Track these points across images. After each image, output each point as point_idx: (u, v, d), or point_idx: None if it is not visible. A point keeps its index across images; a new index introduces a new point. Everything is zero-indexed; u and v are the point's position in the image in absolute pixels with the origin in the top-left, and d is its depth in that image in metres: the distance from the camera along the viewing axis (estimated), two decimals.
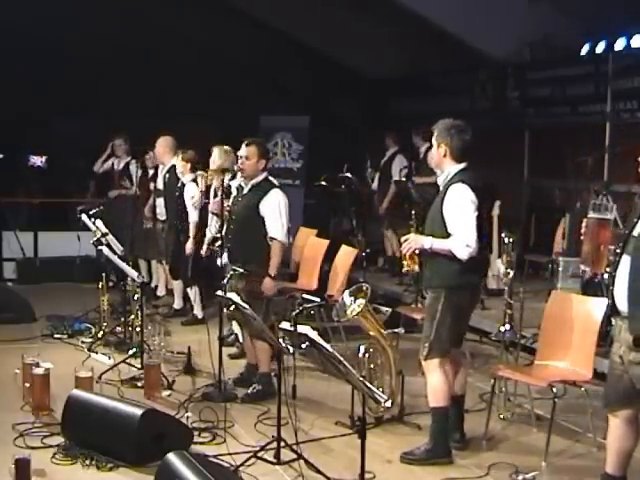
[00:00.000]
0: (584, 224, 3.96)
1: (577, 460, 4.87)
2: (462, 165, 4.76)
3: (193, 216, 7.88)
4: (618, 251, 3.97)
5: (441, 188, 4.81)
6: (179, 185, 8.02)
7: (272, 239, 5.78)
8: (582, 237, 4.00)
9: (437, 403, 4.79)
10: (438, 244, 4.70)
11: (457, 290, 4.72)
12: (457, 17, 9.84)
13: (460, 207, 4.65)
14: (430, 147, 9.59)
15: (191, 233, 7.88)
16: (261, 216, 5.78)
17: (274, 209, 5.78)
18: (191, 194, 7.90)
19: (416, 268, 4.94)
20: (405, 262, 4.96)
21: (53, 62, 11.39)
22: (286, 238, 5.85)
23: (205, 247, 7.34)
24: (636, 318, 3.78)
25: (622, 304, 3.85)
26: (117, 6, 11.60)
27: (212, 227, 7.26)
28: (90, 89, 11.62)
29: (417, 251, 4.82)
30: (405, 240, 4.84)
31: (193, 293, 8.10)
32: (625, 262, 3.86)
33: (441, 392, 4.78)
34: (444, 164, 4.80)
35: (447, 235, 4.67)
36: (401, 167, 10.05)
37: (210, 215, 7.31)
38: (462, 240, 4.61)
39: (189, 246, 7.83)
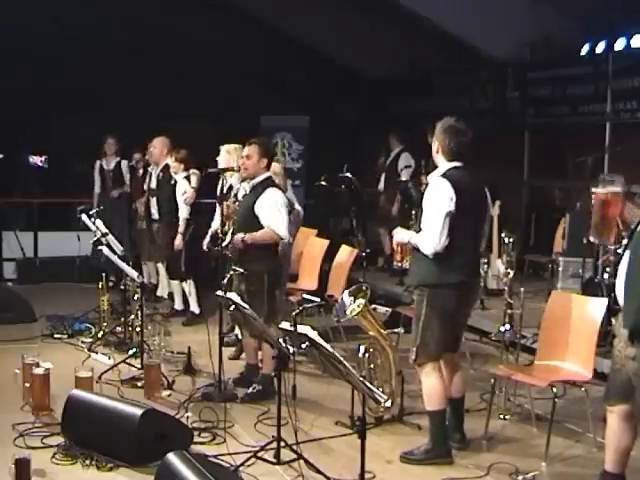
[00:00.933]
0: (592, 199, 3.92)
1: (577, 460, 4.87)
2: (453, 164, 4.73)
3: (183, 212, 8.01)
4: (619, 251, 3.99)
5: None
6: (172, 183, 8.09)
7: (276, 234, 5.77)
8: (591, 210, 3.97)
9: (432, 407, 4.80)
10: (414, 239, 4.70)
11: (439, 290, 4.67)
12: (457, 17, 9.83)
13: (430, 201, 4.63)
14: None
15: (180, 229, 8.00)
16: (256, 216, 5.77)
17: (271, 208, 5.76)
18: (182, 190, 8.00)
19: (406, 264, 4.93)
20: (397, 257, 4.95)
21: (53, 62, 11.39)
22: (286, 233, 5.81)
23: (207, 238, 7.27)
24: (629, 313, 3.82)
25: (621, 299, 3.90)
26: (117, 6, 11.60)
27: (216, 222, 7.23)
28: (90, 89, 11.62)
29: (409, 246, 4.80)
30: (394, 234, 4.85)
31: (188, 288, 8.11)
32: (625, 257, 3.90)
33: (436, 396, 4.78)
34: (437, 160, 4.82)
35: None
36: (402, 166, 10.03)
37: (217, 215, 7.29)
38: (425, 235, 4.59)
39: (178, 242, 7.98)
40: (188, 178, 8.07)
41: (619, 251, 6.59)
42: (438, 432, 4.80)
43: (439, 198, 4.59)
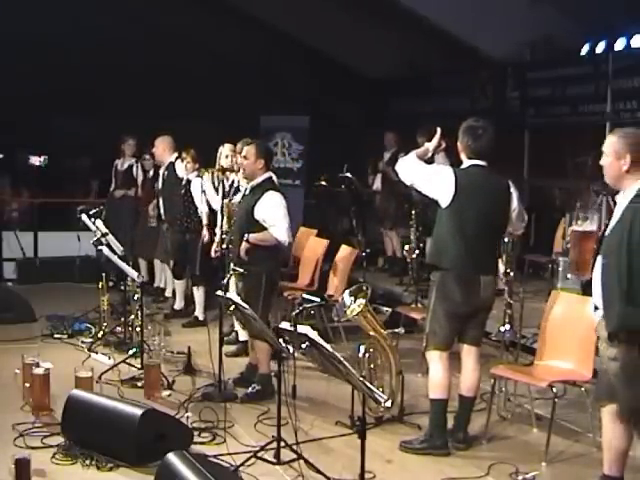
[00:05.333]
0: (569, 235, 4.10)
1: (577, 460, 4.87)
2: (473, 162, 4.85)
3: (204, 207, 7.83)
4: None
5: None
6: (184, 182, 8.02)
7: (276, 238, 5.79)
8: (569, 246, 4.14)
9: (433, 395, 4.88)
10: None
11: (441, 277, 4.81)
12: (457, 17, 9.83)
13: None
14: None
15: (204, 222, 7.83)
16: (255, 219, 5.78)
17: (271, 212, 5.76)
18: (199, 188, 7.86)
19: None
20: None
21: (53, 61, 11.40)
22: (286, 237, 5.82)
23: (215, 246, 7.24)
24: (610, 315, 3.87)
25: (598, 302, 3.97)
26: (117, 7, 11.62)
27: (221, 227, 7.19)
28: (90, 89, 11.62)
29: None
30: None
31: (197, 293, 8.08)
32: (599, 262, 3.96)
33: (437, 384, 4.87)
34: (462, 160, 4.94)
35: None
36: None
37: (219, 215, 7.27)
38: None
39: (205, 233, 7.79)
40: (200, 177, 7.99)
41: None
42: (437, 421, 4.87)
43: (439, 167, 5.05)
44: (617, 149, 3.96)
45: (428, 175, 4.88)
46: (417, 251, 8.10)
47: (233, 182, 6.93)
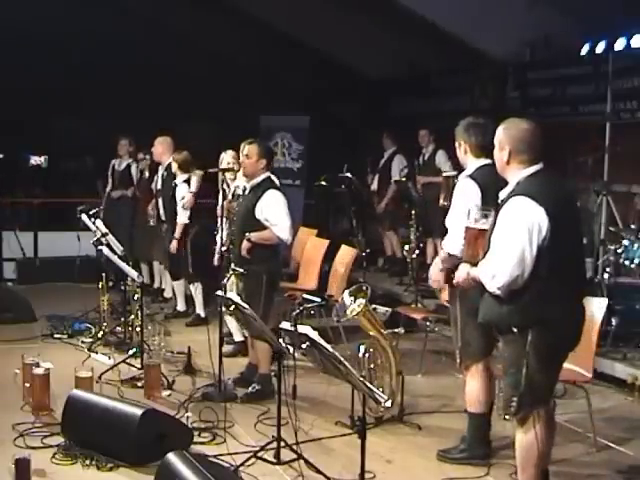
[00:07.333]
0: (464, 233, 4.01)
1: (577, 460, 4.87)
2: (482, 161, 4.64)
3: (182, 217, 7.97)
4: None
5: None
6: (172, 185, 8.07)
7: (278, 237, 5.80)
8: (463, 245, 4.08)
9: (472, 409, 4.80)
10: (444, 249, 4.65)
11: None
12: (457, 17, 9.82)
13: (456, 205, 4.58)
14: (436, 149, 9.56)
15: (176, 234, 7.95)
16: (257, 219, 5.79)
17: (273, 210, 5.78)
18: (182, 194, 7.96)
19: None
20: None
21: (53, 61, 11.41)
22: (288, 236, 5.85)
23: (217, 255, 7.16)
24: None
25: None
26: (117, 7, 11.62)
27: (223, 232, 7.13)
28: (90, 89, 11.64)
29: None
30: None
31: (195, 290, 8.09)
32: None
33: (476, 398, 4.77)
34: (466, 161, 4.74)
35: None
36: (401, 167, 10.04)
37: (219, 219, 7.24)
38: (448, 235, 4.55)
39: (173, 246, 7.94)
40: (188, 181, 8.03)
41: (619, 251, 6.62)
42: (476, 434, 4.79)
43: (460, 198, 4.54)
44: (500, 140, 3.90)
45: (456, 214, 4.50)
46: (417, 251, 8.10)
47: (237, 187, 6.90)
